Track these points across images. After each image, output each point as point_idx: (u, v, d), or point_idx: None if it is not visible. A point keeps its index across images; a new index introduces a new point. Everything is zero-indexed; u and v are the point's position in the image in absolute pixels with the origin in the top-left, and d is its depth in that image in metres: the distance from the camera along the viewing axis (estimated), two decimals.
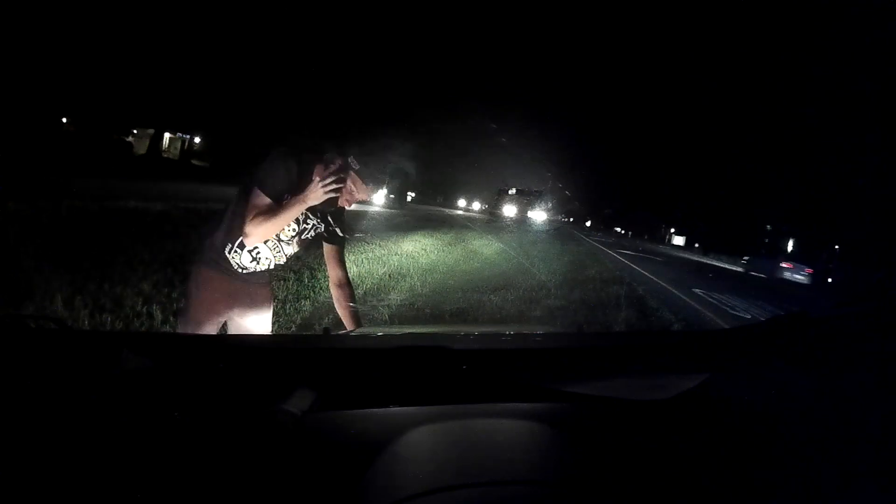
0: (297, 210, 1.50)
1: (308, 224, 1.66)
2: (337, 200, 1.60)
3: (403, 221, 14.21)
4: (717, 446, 0.79)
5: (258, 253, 1.63)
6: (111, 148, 19.50)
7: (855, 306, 1.31)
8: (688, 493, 0.67)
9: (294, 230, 1.64)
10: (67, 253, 3.99)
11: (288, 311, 3.79)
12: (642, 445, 0.77)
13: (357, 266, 5.98)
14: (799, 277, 16.51)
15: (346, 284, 1.69)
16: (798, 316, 1.11)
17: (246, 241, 1.56)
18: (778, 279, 16.73)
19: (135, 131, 24.78)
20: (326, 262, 1.72)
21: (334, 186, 1.49)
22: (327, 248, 1.71)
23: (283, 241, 1.64)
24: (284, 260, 1.69)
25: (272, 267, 1.69)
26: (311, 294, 4.34)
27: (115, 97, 17.47)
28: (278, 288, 4.25)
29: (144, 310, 3.25)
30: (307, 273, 4.97)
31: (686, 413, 0.88)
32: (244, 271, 1.65)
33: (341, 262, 1.71)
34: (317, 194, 1.48)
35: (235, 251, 1.61)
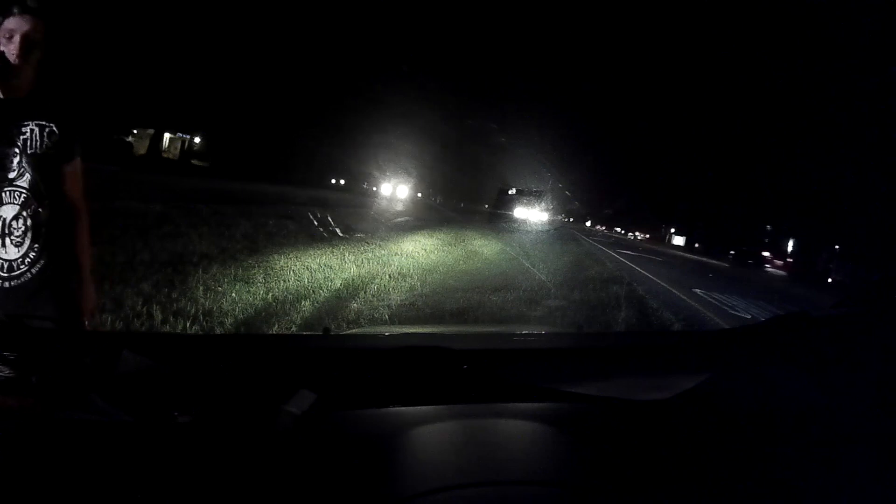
0: None
1: (26, 130, 1.30)
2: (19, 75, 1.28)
3: (404, 221, 14.21)
4: (718, 446, 0.80)
5: None
6: (111, 148, 19.49)
7: (855, 306, 1.31)
8: (688, 492, 0.67)
9: (16, 155, 1.27)
10: None
11: (288, 311, 3.78)
12: (643, 445, 0.77)
13: (357, 266, 5.98)
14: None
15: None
16: (798, 316, 1.11)
17: None
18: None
19: (135, 131, 24.78)
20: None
21: None
22: (64, 170, 1.34)
23: (10, 178, 1.27)
24: (32, 208, 1.28)
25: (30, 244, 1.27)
26: (311, 294, 4.33)
27: (115, 97, 17.46)
28: (277, 289, 4.25)
29: (144, 310, 3.26)
30: (307, 273, 4.96)
31: (686, 413, 0.88)
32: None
33: (75, 185, 1.32)
34: None
35: None
